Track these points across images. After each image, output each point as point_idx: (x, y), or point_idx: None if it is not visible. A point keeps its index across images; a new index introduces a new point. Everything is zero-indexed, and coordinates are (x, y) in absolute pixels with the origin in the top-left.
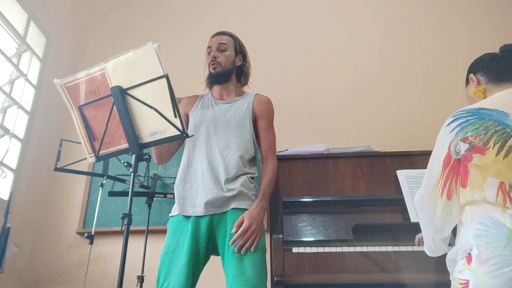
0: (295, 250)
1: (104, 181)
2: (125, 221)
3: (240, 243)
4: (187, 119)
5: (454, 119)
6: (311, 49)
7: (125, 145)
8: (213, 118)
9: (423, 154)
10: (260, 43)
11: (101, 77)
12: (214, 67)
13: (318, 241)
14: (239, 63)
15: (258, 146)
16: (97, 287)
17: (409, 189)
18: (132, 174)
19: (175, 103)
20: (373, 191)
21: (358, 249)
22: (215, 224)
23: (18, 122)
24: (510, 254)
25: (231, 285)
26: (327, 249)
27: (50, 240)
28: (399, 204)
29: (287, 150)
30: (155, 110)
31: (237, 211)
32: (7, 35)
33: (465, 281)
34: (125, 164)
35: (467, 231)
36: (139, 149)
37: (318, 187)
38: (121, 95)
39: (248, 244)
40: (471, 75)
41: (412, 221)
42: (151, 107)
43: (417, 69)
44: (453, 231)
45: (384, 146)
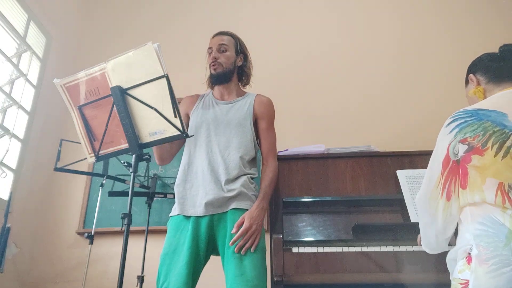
0: (295, 250)
1: (104, 181)
2: (125, 221)
3: (240, 243)
4: (188, 119)
5: (453, 120)
6: (311, 49)
7: (125, 145)
8: (214, 118)
9: (423, 154)
10: (260, 43)
11: (101, 77)
12: (215, 68)
13: (318, 241)
14: (240, 63)
15: (258, 146)
16: (97, 287)
17: (409, 189)
18: (132, 174)
19: (175, 103)
20: (373, 191)
21: (358, 249)
22: (215, 224)
23: (18, 122)
24: (509, 254)
25: (230, 285)
26: (327, 249)
27: (50, 240)
28: (399, 204)
29: (287, 150)
30: (155, 110)
31: (237, 211)
32: (7, 35)
33: (465, 281)
34: (125, 164)
35: (467, 231)
36: (139, 149)
37: (318, 187)
38: (121, 95)
39: (248, 244)
40: (471, 75)
41: (412, 221)
42: (151, 107)
43: (417, 69)
44: (454, 231)
45: (384, 146)
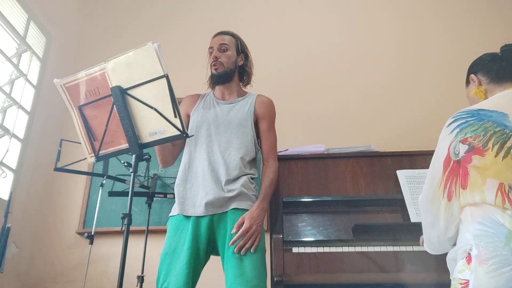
0: (295, 250)
1: (104, 181)
2: (125, 221)
3: (240, 243)
4: (188, 119)
5: (454, 120)
6: (311, 49)
7: (125, 145)
8: (214, 118)
9: (423, 154)
10: (260, 43)
11: (101, 77)
12: (216, 67)
13: (318, 241)
14: (241, 63)
15: (259, 147)
16: (97, 287)
17: (409, 189)
18: (132, 174)
19: (175, 103)
20: (373, 191)
21: (358, 249)
22: (215, 224)
23: (18, 122)
24: (509, 254)
25: (230, 285)
26: (327, 249)
27: (50, 240)
28: (399, 204)
29: (287, 150)
30: (155, 110)
31: (237, 211)
32: (7, 35)
33: (465, 281)
34: (125, 164)
35: (467, 231)
36: (139, 149)
37: (318, 187)
38: (121, 95)
39: (248, 245)
40: (472, 76)
41: (412, 221)
42: (151, 107)
43: (417, 69)
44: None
45: (384, 146)
